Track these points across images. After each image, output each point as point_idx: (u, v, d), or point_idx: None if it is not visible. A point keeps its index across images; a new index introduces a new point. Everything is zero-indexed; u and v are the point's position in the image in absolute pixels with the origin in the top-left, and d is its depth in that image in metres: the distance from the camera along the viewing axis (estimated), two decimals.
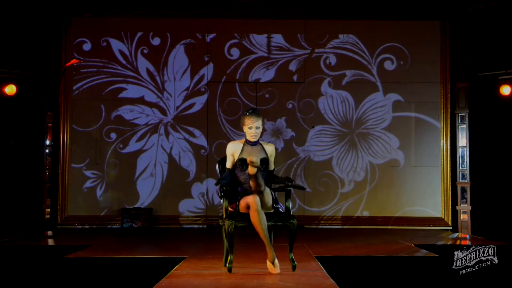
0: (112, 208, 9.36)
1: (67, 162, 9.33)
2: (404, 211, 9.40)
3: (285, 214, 5.38)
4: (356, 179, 9.49)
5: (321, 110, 9.53)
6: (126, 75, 9.49)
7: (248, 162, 5.30)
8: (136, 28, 9.51)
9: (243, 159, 5.37)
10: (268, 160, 5.45)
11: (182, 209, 9.41)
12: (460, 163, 9.22)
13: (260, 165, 5.34)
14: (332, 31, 9.58)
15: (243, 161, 5.36)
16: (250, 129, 5.39)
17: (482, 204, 8.99)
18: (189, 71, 9.53)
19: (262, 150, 5.48)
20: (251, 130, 5.39)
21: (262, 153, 5.46)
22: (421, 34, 9.55)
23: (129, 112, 9.46)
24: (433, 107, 9.48)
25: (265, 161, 5.42)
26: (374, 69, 9.55)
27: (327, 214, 9.43)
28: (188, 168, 9.44)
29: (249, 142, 5.45)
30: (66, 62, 8.87)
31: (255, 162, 5.29)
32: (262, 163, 5.38)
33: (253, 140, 5.43)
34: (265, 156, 5.44)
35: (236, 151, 5.44)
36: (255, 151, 5.43)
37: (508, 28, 8.86)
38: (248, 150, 5.43)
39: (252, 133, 5.39)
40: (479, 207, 9.02)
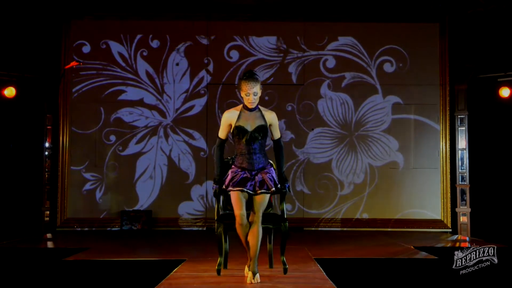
0: (111, 210, 9.35)
1: (66, 164, 9.33)
2: (404, 213, 9.40)
3: (276, 216, 5.36)
4: (356, 181, 9.49)
5: (321, 112, 9.54)
6: (125, 77, 9.50)
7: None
8: (136, 30, 9.52)
9: (239, 127, 5.05)
10: (266, 128, 5.09)
11: (181, 211, 9.41)
12: (460, 165, 9.22)
13: (257, 133, 5.06)
14: (332, 34, 9.59)
15: (239, 129, 5.05)
16: (247, 96, 5.02)
17: (482, 206, 9.00)
18: (188, 73, 9.53)
19: (260, 117, 5.12)
20: (248, 97, 5.02)
21: (260, 120, 5.11)
22: (420, 36, 9.56)
23: (129, 115, 9.46)
24: (432, 109, 9.48)
25: (262, 129, 5.07)
26: (373, 71, 9.56)
27: (327, 216, 9.43)
28: (188, 170, 9.44)
29: (246, 108, 5.09)
30: (65, 65, 8.85)
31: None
32: (259, 130, 5.07)
33: (251, 107, 5.07)
34: (262, 124, 5.09)
35: (233, 119, 5.09)
36: (252, 118, 5.09)
37: (507, 30, 8.87)
38: (246, 116, 5.09)
39: (250, 100, 5.02)
40: (479, 209, 9.02)
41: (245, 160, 5.10)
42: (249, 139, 5.06)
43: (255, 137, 5.06)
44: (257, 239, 4.97)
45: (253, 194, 5.03)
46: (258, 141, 5.09)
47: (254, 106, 5.10)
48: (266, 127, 5.10)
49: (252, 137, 5.06)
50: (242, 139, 5.07)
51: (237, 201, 4.99)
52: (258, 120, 5.11)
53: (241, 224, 4.97)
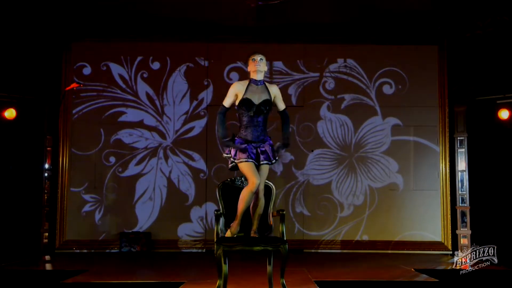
0: (110, 232, 9.31)
1: (65, 186, 9.31)
2: (404, 235, 9.36)
3: (276, 239, 5.35)
4: (356, 203, 9.46)
5: (320, 133, 9.55)
6: (125, 99, 9.53)
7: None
8: (136, 52, 9.57)
9: (247, 99, 5.36)
10: (271, 102, 5.45)
11: (181, 233, 9.36)
12: (460, 187, 9.19)
13: (263, 107, 5.38)
14: (331, 56, 9.64)
15: (247, 102, 5.36)
16: (254, 61, 5.42)
17: (482, 229, 8.95)
18: (188, 95, 9.56)
19: (265, 91, 5.46)
20: (255, 62, 5.41)
21: (265, 94, 5.44)
22: (419, 58, 9.61)
23: (129, 136, 9.47)
24: (431, 131, 9.50)
25: (268, 103, 5.42)
26: (372, 93, 9.60)
27: (327, 238, 9.39)
28: (187, 192, 9.42)
29: (253, 81, 5.44)
30: (66, 86, 8.88)
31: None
32: (265, 104, 5.39)
33: (258, 73, 5.42)
34: (268, 98, 5.43)
35: (240, 91, 5.42)
36: (259, 91, 5.43)
37: (505, 53, 8.92)
38: (253, 90, 5.42)
39: (257, 61, 5.42)
40: (479, 231, 8.98)
41: (249, 133, 5.39)
42: (256, 112, 5.37)
43: (261, 110, 5.38)
44: (262, 206, 5.43)
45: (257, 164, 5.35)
46: (263, 114, 5.41)
47: (261, 76, 5.46)
48: (271, 102, 5.46)
49: (258, 110, 5.37)
50: (249, 112, 5.36)
51: (252, 170, 5.32)
52: (264, 94, 5.44)
53: (253, 192, 5.29)
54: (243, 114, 5.43)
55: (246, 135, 5.41)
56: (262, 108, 5.38)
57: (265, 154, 5.39)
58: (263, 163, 5.38)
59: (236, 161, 5.36)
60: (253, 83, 5.44)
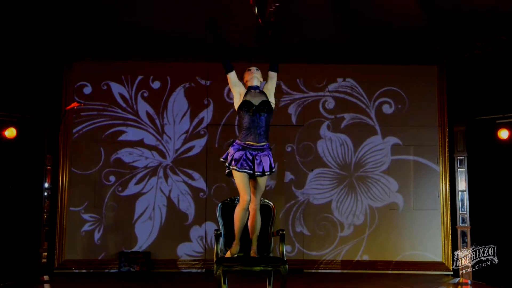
0: (109, 251, 9.26)
1: (65, 205, 9.28)
2: (404, 255, 9.31)
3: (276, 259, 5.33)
4: (356, 223, 9.43)
5: (320, 153, 9.55)
6: (126, 118, 9.54)
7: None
8: (137, 71, 9.60)
9: (247, 101, 5.55)
10: (269, 103, 5.61)
11: (180, 253, 9.32)
12: (460, 207, 9.18)
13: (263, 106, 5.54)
14: (331, 75, 9.68)
15: (247, 103, 5.55)
16: (249, 70, 5.76)
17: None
18: (188, 114, 9.58)
19: (263, 94, 5.67)
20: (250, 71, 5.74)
21: (263, 96, 5.65)
22: (419, 78, 9.64)
23: (129, 155, 9.47)
24: (431, 150, 9.50)
25: (267, 104, 5.59)
26: (372, 113, 9.61)
27: (327, 258, 9.34)
28: (187, 211, 9.40)
29: (251, 88, 5.69)
30: (66, 105, 8.92)
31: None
32: (264, 104, 5.56)
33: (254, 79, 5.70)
34: (265, 99, 5.61)
35: (243, 92, 5.66)
36: (258, 95, 5.64)
37: (504, 73, 8.96)
38: (251, 94, 5.64)
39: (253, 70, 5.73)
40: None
41: (250, 134, 5.50)
42: (256, 110, 5.51)
43: (261, 109, 5.53)
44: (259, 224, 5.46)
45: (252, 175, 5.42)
46: (264, 114, 5.54)
47: (257, 82, 5.71)
48: (269, 103, 5.61)
49: (258, 109, 5.52)
50: (249, 111, 5.51)
51: (244, 185, 5.39)
52: (262, 96, 5.64)
53: (246, 209, 5.34)
54: (243, 116, 5.56)
55: (246, 137, 5.49)
56: (262, 107, 5.54)
57: (260, 166, 5.40)
58: (258, 174, 5.40)
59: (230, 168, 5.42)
60: (252, 89, 5.67)
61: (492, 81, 9.12)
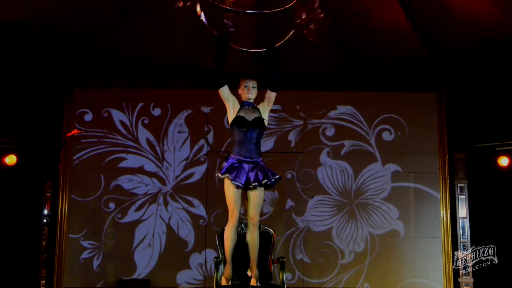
0: (108, 279, 9.19)
1: (64, 232, 9.23)
2: (406, 283, 9.24)
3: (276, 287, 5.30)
4: (356, 250, 9.38)
5: (320, 180, 9.54)
6: (126, 145, 9.55)
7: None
8: (138, 99, 9.63)
9: (240, 117, 5.63)
10: (262, 120, 5.71)
11: (179, 281, 9.25)
12: (461, 234, 9.14)
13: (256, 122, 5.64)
14: (330, 102, 9.71)
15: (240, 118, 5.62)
16: (247, 88, 5.75)
17: (485, 277, 8.84)
18: (189, 141, 9.60)
19: (256, 110, 5.76)
20: (247, 89, 5.75)
21: (257, 113, 5.74)
22: (418, 105, 9.67)
23: (128, 182, 9.46)
24: (432, 177, 9.49)
25: (260, 120, 5.68)
26: (372, 140, 9.63)
27: (328, 286, 9.27)
28: (187, 238, 9.35)
29: (245, 103, 5.74)
30: (67, 132, 8.92)
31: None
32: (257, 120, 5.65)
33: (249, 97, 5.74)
34: (259, 116, 5.70)
35: (236, 106, 5.71)
36: (251, 111, 5.72)
37: (503, 100, 9.01)
38: (245, 110, 5.71)
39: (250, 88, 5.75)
40: (482, 279, 8.87)
41: (243, 148, 5.59)
42: (249, 125, 5.59)
43: (254, 125, 5.63)
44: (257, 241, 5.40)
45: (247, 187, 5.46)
46: (256, 131, 5.65)
47: (252, 99, 5.78)
48: (262, 119, 5.73)
49: (252, 125, 5.62)
50: (243, 127, 5.59)
51: (234, 199, 5.39)
52: (255, 113, 5.73)
53: (235, 226, 5.34)
54: (236, 131, 5.64)
55: (239, 152, 5.57)
56: (255, 123, 5.64)
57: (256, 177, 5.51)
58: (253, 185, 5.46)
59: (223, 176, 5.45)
60: (245, 105, 5.74)
61: (491, 108, 9.17)
